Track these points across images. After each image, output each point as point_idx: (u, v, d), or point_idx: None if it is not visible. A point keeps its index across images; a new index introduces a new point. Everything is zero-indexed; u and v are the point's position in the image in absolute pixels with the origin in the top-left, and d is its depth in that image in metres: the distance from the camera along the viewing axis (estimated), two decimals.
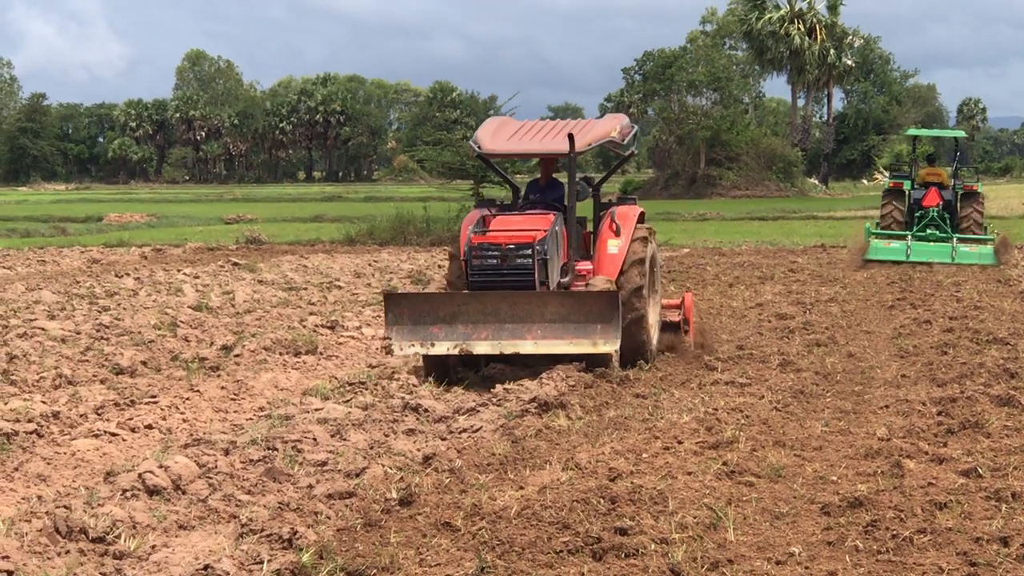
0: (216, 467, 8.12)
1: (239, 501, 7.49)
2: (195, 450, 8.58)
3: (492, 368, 12.44)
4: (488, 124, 13.63)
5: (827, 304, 18.35)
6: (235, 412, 10.94)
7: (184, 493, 7.67)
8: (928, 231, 26.41)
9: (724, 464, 8.11)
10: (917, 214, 27.06)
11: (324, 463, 8.42)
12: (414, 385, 11.57)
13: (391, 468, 8.29)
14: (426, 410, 10.23)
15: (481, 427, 9.61)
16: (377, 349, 14.31)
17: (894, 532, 6.59)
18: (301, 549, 6.52)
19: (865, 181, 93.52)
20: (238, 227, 42.63)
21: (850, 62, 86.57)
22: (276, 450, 8.66)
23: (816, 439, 9.16)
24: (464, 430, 9.60)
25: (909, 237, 25.89)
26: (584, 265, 13.11)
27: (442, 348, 11.75)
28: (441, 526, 6.90)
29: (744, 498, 7.44)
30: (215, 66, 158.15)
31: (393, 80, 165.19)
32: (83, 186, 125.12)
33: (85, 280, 23.00)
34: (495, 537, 6.61)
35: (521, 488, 7.64)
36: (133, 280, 22.92)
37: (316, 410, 10.20)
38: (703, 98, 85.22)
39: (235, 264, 26.52)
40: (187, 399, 11.30)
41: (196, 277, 23.60)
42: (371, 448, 8.93)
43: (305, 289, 21.32)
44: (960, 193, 27.25)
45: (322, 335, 15.34)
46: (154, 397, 11.28)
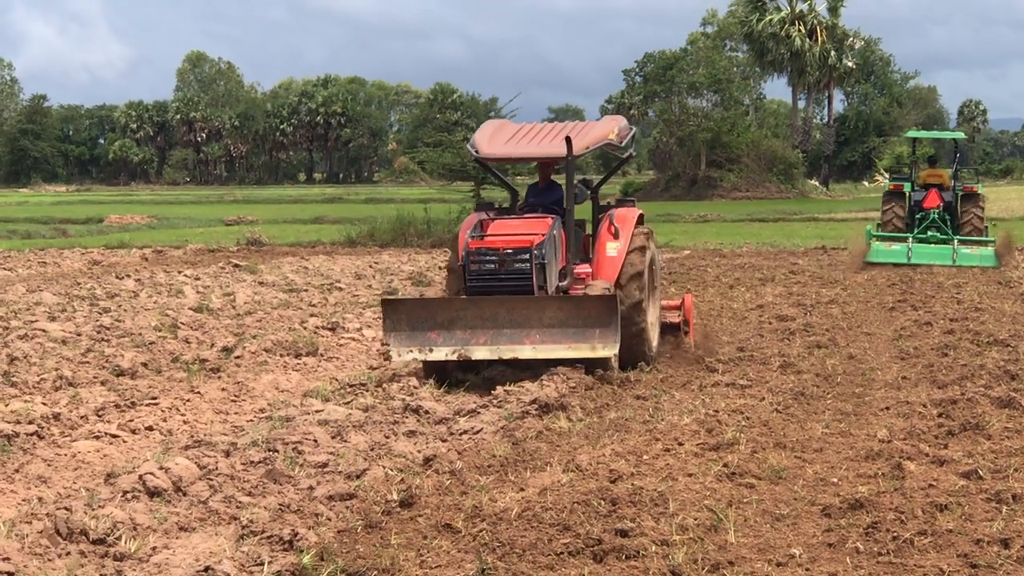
0: (217, 469, 8.12)
1: (240, 503, 7.49)
2: (196, 452, 8.59)
3: (492, 370, 12.43)
4: (485, 128, 13.58)
5: (828, 306, 18.35)
6: (236, 414, 10.94)
7: (185, 495, 7.68)
8: (929, 233, 26.40)
9: (725, 466, 8.11)
10: (918, 216, 27.04)
11: (325, 465, 8.42)
12: (415, 387, 11.56)
13: (392, 470, 8.30)
14: (427, 412, 10.23)
15: (482, 429, 9.61)
16: (377, 351, 14.32)
17: (895, 534, 6.59)
18: (302, 551, 6.52)
19: (866, 183, 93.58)
20: (239, 229, 42.63)
21: (851, 64, 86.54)
22: (277, 452, 8.66)
23: (817, 441, 9.15)
24: (465, 432, 9.60)
25: (910, 239, 25.88)
26: (583, 268, 13.07)
27: (440, 354, 11.72)
28: (442, 528, 6.90)
29: (745, 500, 7.43)
30: (216, 68, 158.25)
31: (394, 82, 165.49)
32: (84, 188, 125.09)
33: (86, 282, 23.00)
34: (496, 539, 6.61)
35: (522, 490, 7.64)
36: (134, 282, 22.92)
37: (317, 412, 10.19)
38: (704, 100, 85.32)
39: (236, 266, 26.52)
40: (188, 401, 11.30)
41: (197, 279, 23.60)
42: (372, 450, 8.93)
43: (306, 291, 21.31)
44: (960, 195, 27.26)
45: (323, 337, 15.33)
46: (155, 399, 11.29)
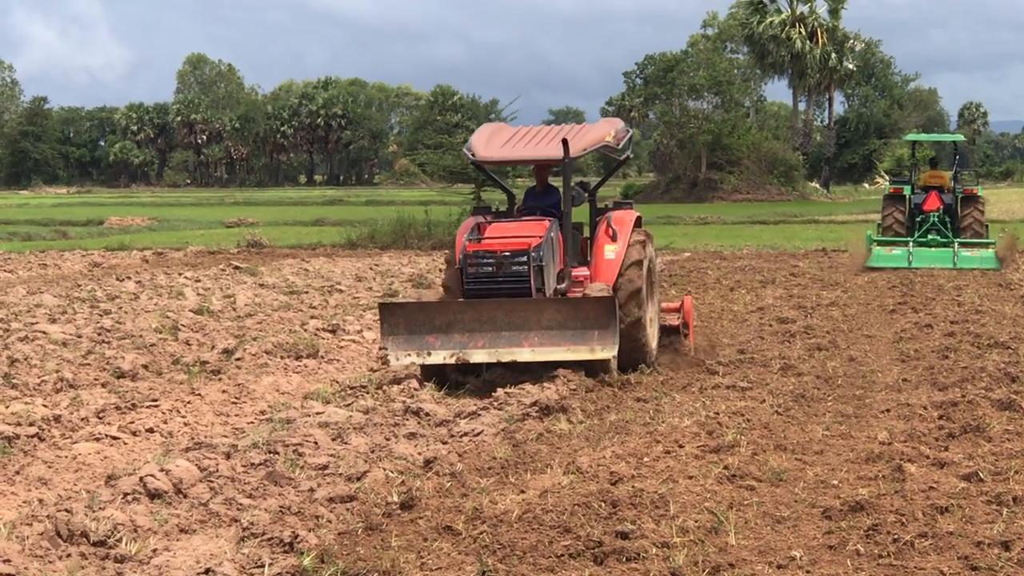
0: (217, 471, 8.13)
1: (240, 505, 7.50)
2: (196, 454, 8.60)
3: (493, 372, 12.42)
4: (482, 131, 13.54)
5: (828, 308, 18.35)
6: (236, 416, 10.94)
7: (185, 497, 7.68)
8: (929, 236, 26.38)
9: (725, 468, 8.10)
10: (918, 219, 27.02)
11: (325, 467, 8.42)
12: (415, 389, 11.55)
13: (392, 472, 8.30)
14: (427, 414, 10.22)
15: (482, 431, 9.61)
16: (377, 354, 14.31)
17: (895, 536, 6.58)
18: (302, 553, 6.52)
19: (866, 185, 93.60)
20: (239, 231, 42.64)
21: (851, 66, 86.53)
22: (277, 454, 8.66)
23: (817, 443, 9.15)
24: (465, 434, 9.60)
25: (911, 243, 25.87)
26: (581, 271, 13.05)
27: (439, 357, 11.71)
28: (442, 530, 6.90)
29: (745, 502, 7.43)
30: (216, 70, 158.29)
31: (394, 84, 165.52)
32: (84, 190, 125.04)
33: (86, 283, 23.02)
34: (496, 541, 6.61)
35: (522, 492, 7.64)
36: (134, 283, 22.93)
37: (317, 414, 10.19)
38: (704, 102, 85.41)
39: (236, 268, 26.53)
40: (188, 403, 11.31)
41: (197, 281, 23.62)
42: (372, 452, 8.93)
43: (306, 293, 21.32)
44: (960, 197, 27.25)
45: (323, 339, 15.34)
46: (155, 401, 11.29)
